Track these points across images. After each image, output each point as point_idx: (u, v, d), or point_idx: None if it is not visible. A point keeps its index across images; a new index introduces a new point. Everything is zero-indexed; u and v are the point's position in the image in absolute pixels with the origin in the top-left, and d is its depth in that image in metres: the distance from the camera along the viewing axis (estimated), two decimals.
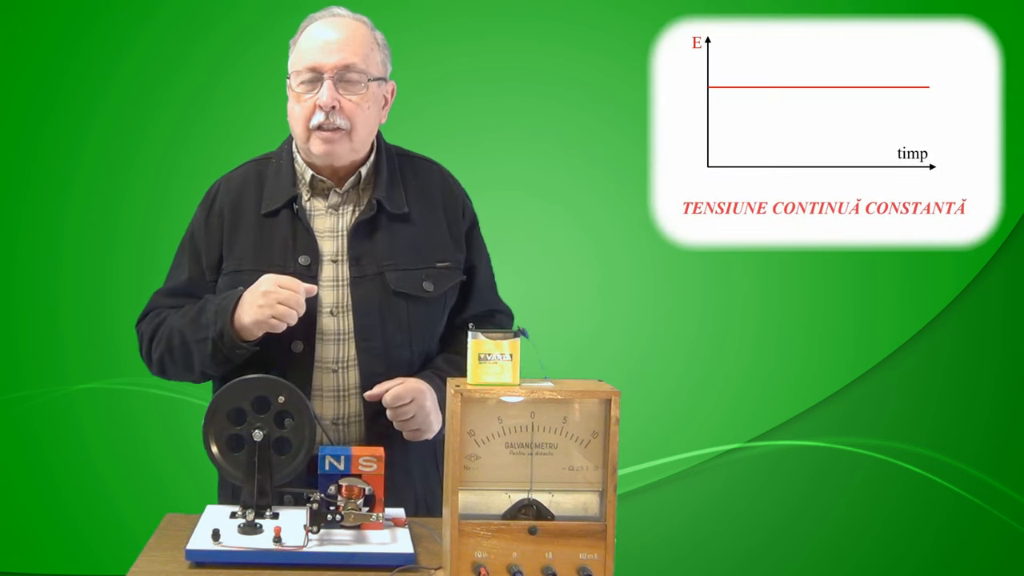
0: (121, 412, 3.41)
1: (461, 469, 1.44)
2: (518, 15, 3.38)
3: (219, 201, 2.01)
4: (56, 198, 3.41)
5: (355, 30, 1.93)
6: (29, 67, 3.40)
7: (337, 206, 1.97)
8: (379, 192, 1.96)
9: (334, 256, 1.95)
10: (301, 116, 1.91)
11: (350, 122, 1.90)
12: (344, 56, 1.89)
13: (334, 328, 1.93)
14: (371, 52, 1.93)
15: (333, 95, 1.88)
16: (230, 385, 1.74)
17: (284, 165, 2.00)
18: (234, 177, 2.04)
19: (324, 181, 1.96)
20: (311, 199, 1.98)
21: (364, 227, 1.95)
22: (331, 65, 1.89)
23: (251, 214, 1.98)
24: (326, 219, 1.97)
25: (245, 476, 1.71)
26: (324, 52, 1.89)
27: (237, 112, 3.40)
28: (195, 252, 2.01)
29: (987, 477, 3.25)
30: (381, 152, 2.01)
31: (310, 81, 1.90)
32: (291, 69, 1.94)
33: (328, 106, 1.88)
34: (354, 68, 1.90)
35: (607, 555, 1.43)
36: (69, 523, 3.43)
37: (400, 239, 1.96)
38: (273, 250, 1.94)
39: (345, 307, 1.93)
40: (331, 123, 1.89)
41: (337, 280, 1.94)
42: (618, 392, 1.43)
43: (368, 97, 1.92)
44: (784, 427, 3.31)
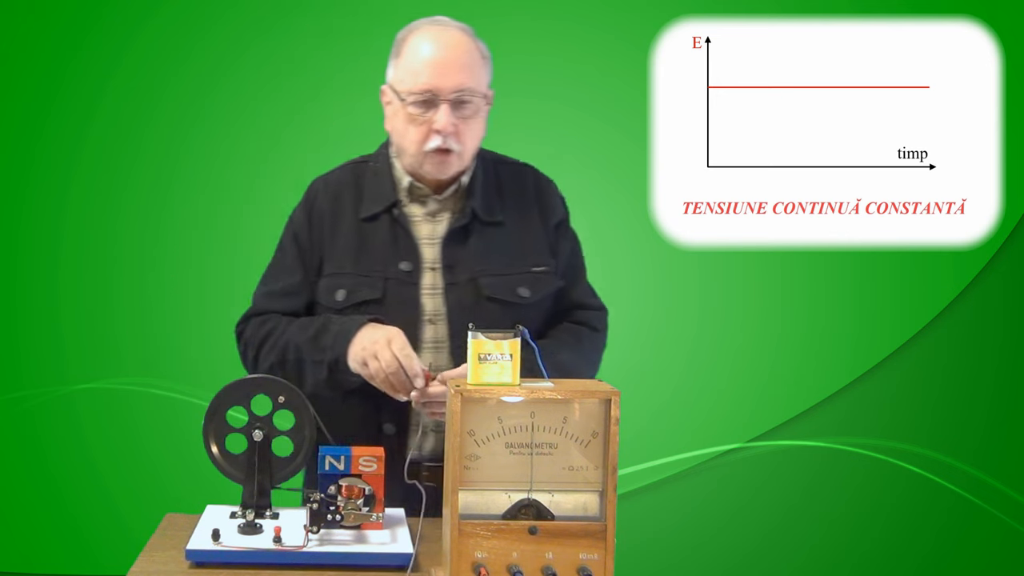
0: (121, 412, 3.41)
1: (461, 469, 1.44)
2: (518, 15, 3.38)
3: (319, 202, 2.01)
4: (56, 198, 3.41)
5: (465, 46, 1.90)
6: (29, 67, 3.40)
7: (435, 213, 1.96)
8: (474, 200, 1.95)
9: (432, 263, 1.94)
10: (416, 138, 1.90)
11: (462, 144, 1.90)
12: (460, 79, 1.87)
13: (432, 336, 1.92)
14: (480, 69, 1.92)
15: (451, 120, 1.87)
16: (230, 385, 1.74)
17: (382, 170, 1.99)
18: (332, 179, 2.03)
19: (422, 188, 1.96)
20: (409, 204, 1.97)
21: (458, 234, 1.94)
22: (449, 89, 1.87)
23: (350, 218, 1.97)
24: (423, 225, 1.96)
25: (245, 476, 1.71)
26: (440, 75, 1.87)
27: (237, 112, 3.40)
28: (301, 252, 2.00)
29: (987, 477, 3.25)
30: (478, 160, 2.00)
31: (424, 103, 1.88)
32: (399, 86, 1.91)
33: (447, 132, 1.87)
34: (470, 91, 1.88)
35: (607, 555, 1.43)
36: (69, 523, 3.43)
37: (494, 245, 1.95)
38: (373, 255, 1.94)
39: (441, 314, 1.92)
40: (446, 147, 1.88)
41: (435, 287, 1.93)
42: (618, 392, 1.43)
43: (479, 116, 1.92)
44: (784, 427, 3.31)
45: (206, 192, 3.42)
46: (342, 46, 3.35)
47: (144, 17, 3.38)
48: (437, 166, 1.90)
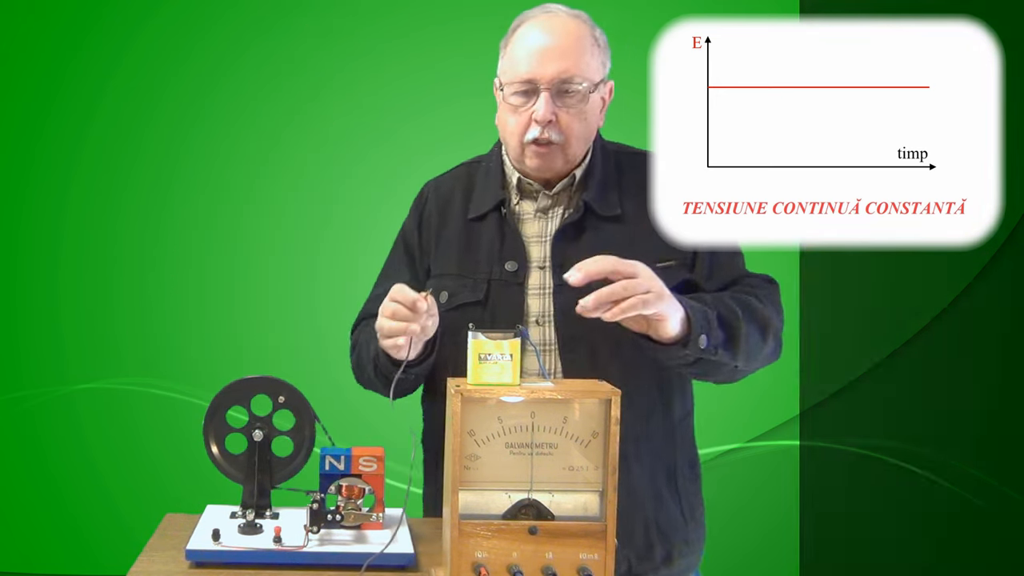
0: (121, 412, 3.41)
1: (461, 469, 1.44)
2: (517, 15, 3.37)
3: (429, 204, 1.95)
4: (56, 198, 3.42)
5: (572, 33, 1.81)
6: (29, 67, 3.40)
7: (546, 209, 1.87)
8: (588, 194, 1.84)
9: (540, 262, 1.84)
10: (516, 129, 1.81)
11: (565, 136, 1.80)
12: (562, 66, 1.78)
13: (539, 339, 1.82)
14: (590, 56, 1.82)
15: (550, 109, 1.78)
16: (230, 385, 1.74)
17: (493, 168, 1.91)
18: (444, 180, 1.98)
19: (532, 184, 1.87)
20: (520, 202, 1.88)
21: (570, 231, 1.83)
22: (548, 77, 1.78)
23: (458, 218, 1.90)
24: (534, 223, 1.87)
25: (245, 476, 1.71)
26: (540, 62, 1.78)
27: (237, 112, 3.40)
28: (409, 256, 1.95)
29: (987, 477, 3.25)
30: (596, 152, 1.89)
31: (524, 93, 1.79)
32: (503, 78, 1.84)
33: (545, 121, 1.78)
34: (572, 78, 1.78)
35: (607, 555, 1.43)
36: (69, 523, 3.43)
37: (610, 241, 1.79)
38: (479, 255, 1.86)
39: (548, 317, 1.83)
40: (546, 137, 1.79)
41: (543, 288, 1.84)
42: (618, 392, 1.43)
43: (585, 106, 1.81)
44: (784, 427, 3.31)
45: (206, 192, 3.43)
46: (342, 46, 3.35)
47: (144, 17, 3.38)
48: (538, 158, 1.81)
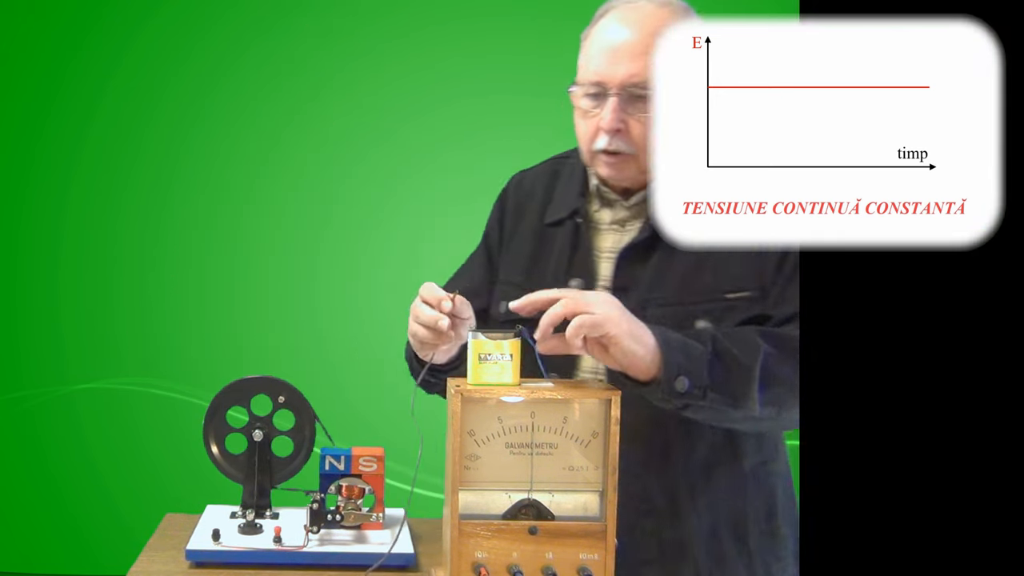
0: (121, 412, 3.41)
1: (461, 469, 1.44)
2: (518, 15, 3.38)
3: (510, 200, 1.78)
4: (56, 198, 3.42)
5: (654, 29, 1.52)
6: (29, 67, 3.40)
7: (623, 222, 1.65)
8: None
9: (606, 282, 1.63)
10: (585, 136, 1.62)
11: (636, 146, 1.56)
12: (634, 68, 1.54)
13: (592, 365, 1.62)
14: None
15: (618, 117, 1.56)
16: (230, 385, 1.74)
17: (578, 168, 1.71)
18: (527, 176, 1.80)
19: (609, 192, 1.66)
20: (600, 209, 1.68)
21: (637, 251, 1.61)
22: (618, 80, 1.55)
23: (534, 220, 1.73)
24: (608, 235, 1.66)
25: (245, 476, 1.71)
26: (611, 61, 1.56)
27: (237, 112, 3.40)
28: (488, 253, 1.79)
29: (987, 477, 3.24)
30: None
31: (594, 96, 1.58)
32: (578, 76, 1.63)
33: (612, 130, 1.56)
34: (645, 82, 1.52)
35: (607, 555, 1.43)
36: (69, 523, 3.43)
37: (676, 267, 1.59)
38: (547, 266, 1.67)
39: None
40: (613, 148, 1.57)
41: None
42: (619, 392, 1.43)
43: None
44: None
45: (206, 192, 3.43)
46: (342, 46, 3.35)
47: (144, 17, 3.38)
48: (608, 168, 1.60)
